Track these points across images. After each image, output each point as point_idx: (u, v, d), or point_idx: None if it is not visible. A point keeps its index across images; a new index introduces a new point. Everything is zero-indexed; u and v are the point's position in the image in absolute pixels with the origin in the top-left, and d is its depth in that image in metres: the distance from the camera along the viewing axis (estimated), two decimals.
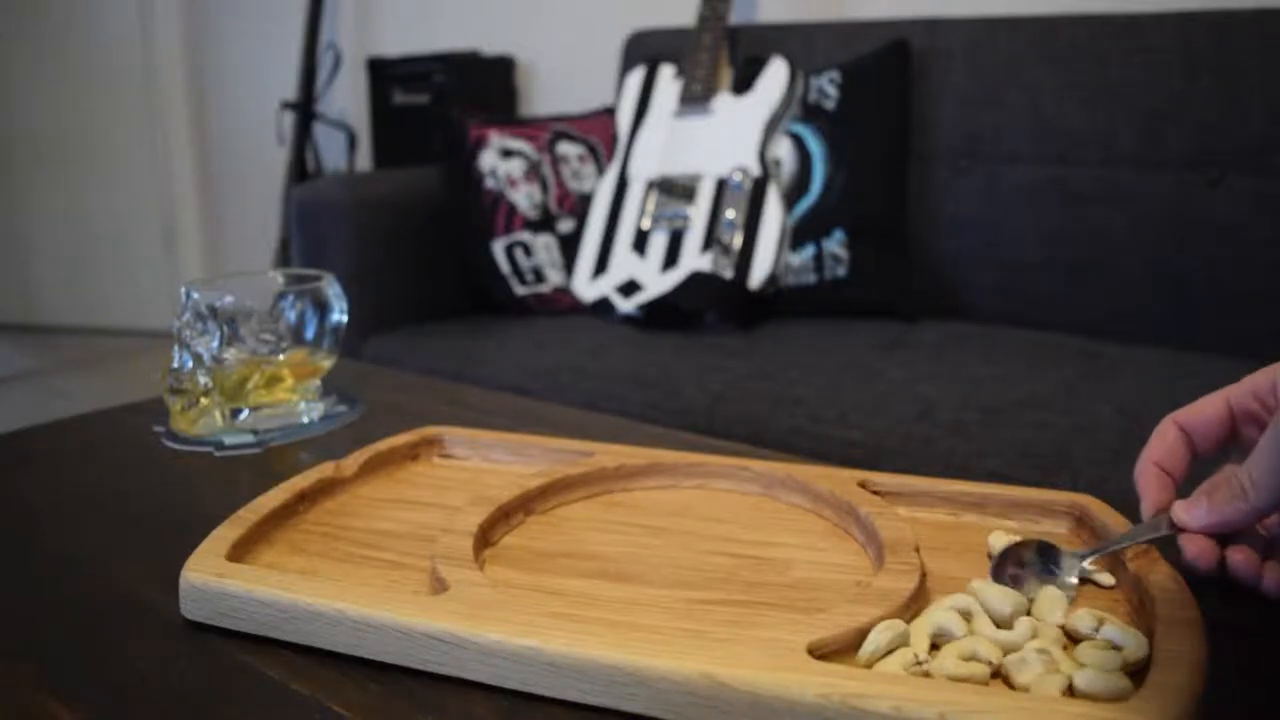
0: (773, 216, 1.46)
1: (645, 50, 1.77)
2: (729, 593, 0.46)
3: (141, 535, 0.53)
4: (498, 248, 1.55)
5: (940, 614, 0.40)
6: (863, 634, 0.39)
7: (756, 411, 1.11)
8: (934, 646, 0.39)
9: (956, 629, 0.39)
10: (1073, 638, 0.40)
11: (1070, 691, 0.36)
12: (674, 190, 1.51)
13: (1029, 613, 0.42)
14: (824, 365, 1.19)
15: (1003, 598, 0.41)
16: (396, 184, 1.62)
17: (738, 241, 1.44)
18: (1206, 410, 0.47)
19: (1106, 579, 0.45)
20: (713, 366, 1.21)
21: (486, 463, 0.62)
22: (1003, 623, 0.40)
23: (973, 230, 1.48)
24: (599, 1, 2.22)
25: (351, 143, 2.73)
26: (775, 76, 1.53)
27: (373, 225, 1.54)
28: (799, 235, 1.46)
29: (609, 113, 1.69)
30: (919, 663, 0.37)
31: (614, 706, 0.37)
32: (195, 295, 0.69)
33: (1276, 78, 1.28)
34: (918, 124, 1.52)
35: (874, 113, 1.49)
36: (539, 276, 1.55)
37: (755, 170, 1.48)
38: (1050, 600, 0.42)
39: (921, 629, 0.39)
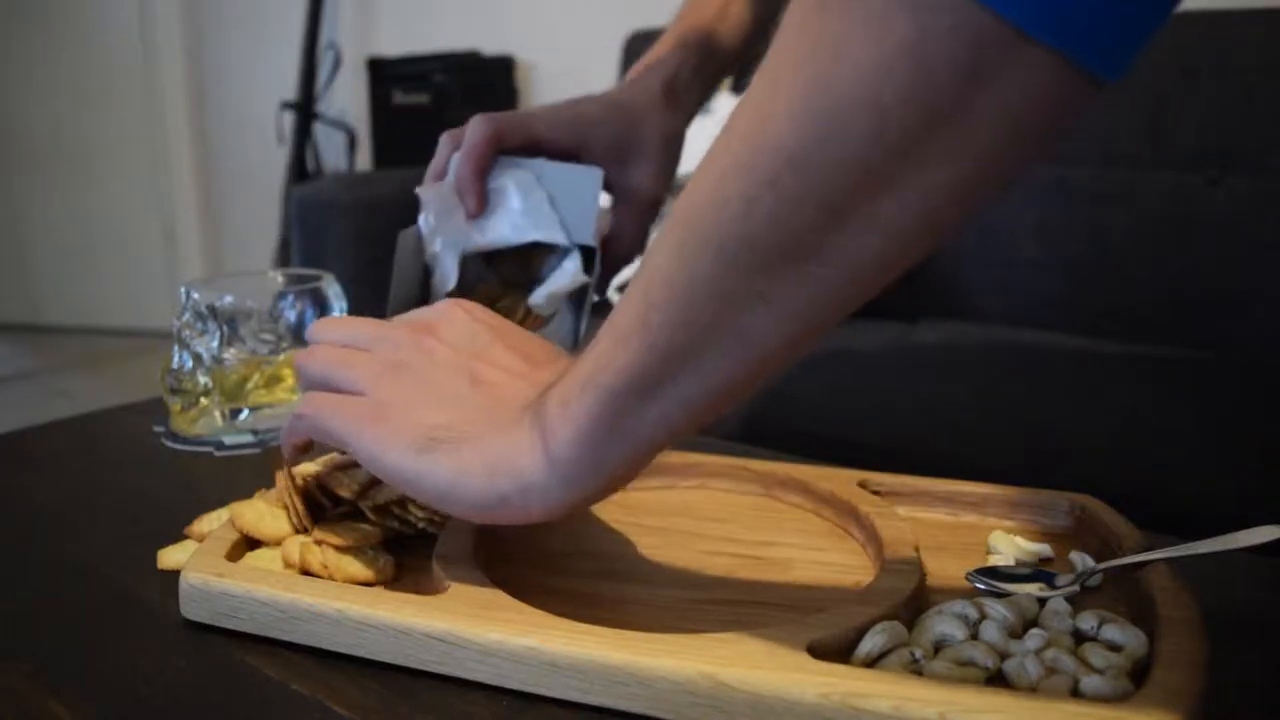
0: None
1: (645, 50, 1.77)
2: (729, 593, 0.46)
3: (141, 535, 0.53)
4: None
5: (943, 620, 0.40)
6: (862, 634, 0.39)
7: (756, 411, 1.11)
8: (936, 651, 0.39)
9: (959, 635, 0.39)
10: (1074, 637, 0.40)
11: (1072, 692, 0.36)
12: (674, 190, 1.51)
13: (1036, 620, 0.41)
14: (824, 365, 1.19)
15: (1010, 605, 0.41)
16: (396, 184, 1.62)
17: None
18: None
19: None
20: None
21: None
22: (1013, 631, 0.40)
23: (972, 230, 1.48)
24: (599, 1, 2.22)
25: (351, 143, 2.73)
26: None
27: (373, 225, 1.54)
28: None
29: None
30: (915, 660, 0.37)
31: (614, 706, 0.37)
32: (195, 295, 0.69)
33: (1276, 78, 1.28)
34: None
35: None
36: None
37: None
38: (1057, 612, 0.41)
39: (924, 634, 0.39)
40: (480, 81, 2.39)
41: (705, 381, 0.35)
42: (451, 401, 0.43)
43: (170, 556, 0.49)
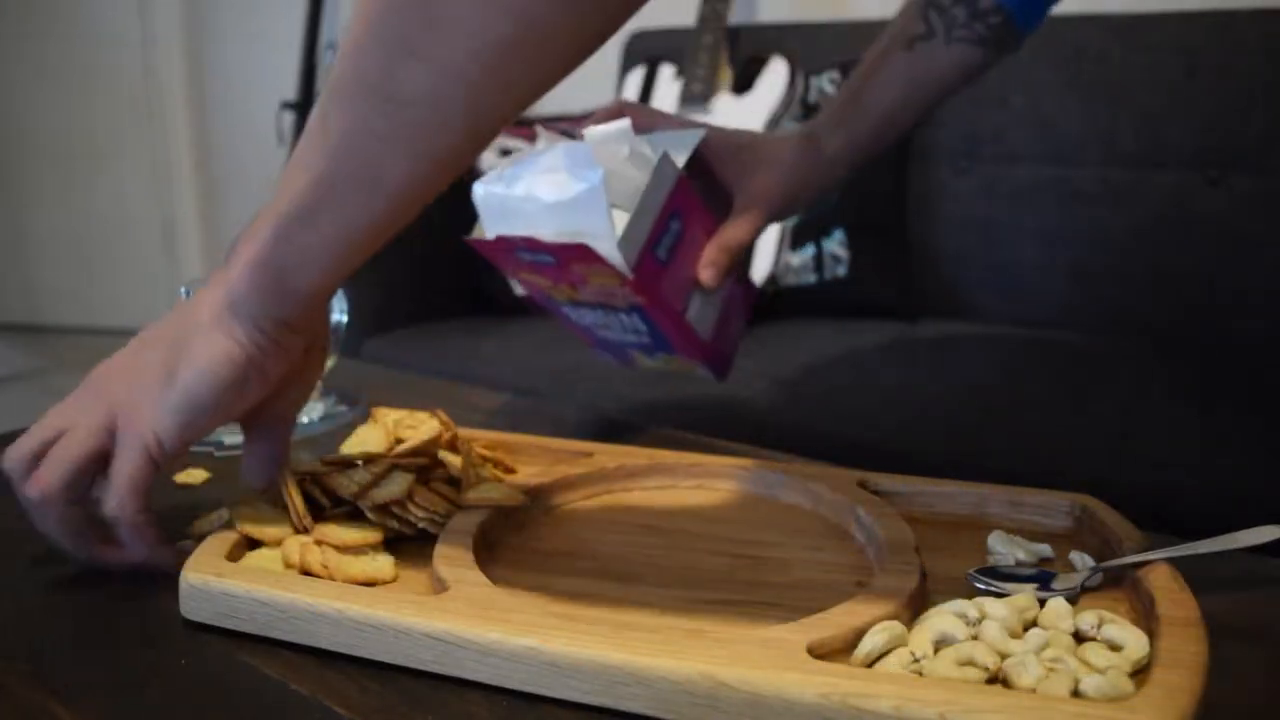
0: None
1: (645, 50, 1.77)
2: (729, 593, 0.46)
3: None
4: None
5: (943, 620, 0.40)
6: (862, 634, 0.39)
7: (757, 411, 1.11)
8: (936, 651, 0.39)
9: (959, 635, 0.39)
10: (1074, 637, 0.40)
11: (1073, 692, 0.36)
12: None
13: (1036, 620, 0.41)
14: (824, 365, 1.19)
15: (1010, 605, 0.41)
16: None
17: None
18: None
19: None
20: None
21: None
22: (1013, 631, 0.40)
23: (973, 230, 1.48)
24: None
25: None
26: (775, 76, 1.53)
27: None
28: (799, 235, 1.46)
29: None
30: (915, 660, 0.37)
31: (614, 706, 0.37)
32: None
33: (1276, 78, 1.28)
34: (918, 124, 1.52)
35: None
36: None
37: None
38: (1057, 612, 0.41)
39: (924, 634, 0.39)
40: None
41: (352, 206, 0.45)
42: (151, 356, 0.49)
43: None
